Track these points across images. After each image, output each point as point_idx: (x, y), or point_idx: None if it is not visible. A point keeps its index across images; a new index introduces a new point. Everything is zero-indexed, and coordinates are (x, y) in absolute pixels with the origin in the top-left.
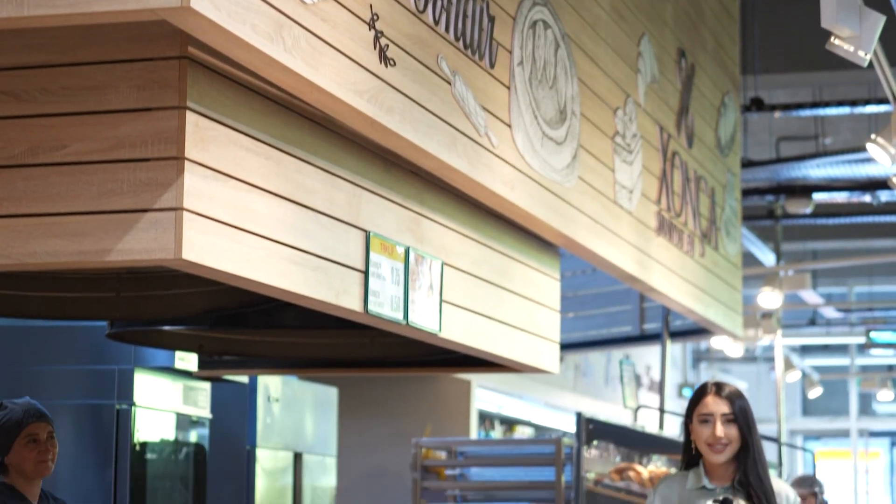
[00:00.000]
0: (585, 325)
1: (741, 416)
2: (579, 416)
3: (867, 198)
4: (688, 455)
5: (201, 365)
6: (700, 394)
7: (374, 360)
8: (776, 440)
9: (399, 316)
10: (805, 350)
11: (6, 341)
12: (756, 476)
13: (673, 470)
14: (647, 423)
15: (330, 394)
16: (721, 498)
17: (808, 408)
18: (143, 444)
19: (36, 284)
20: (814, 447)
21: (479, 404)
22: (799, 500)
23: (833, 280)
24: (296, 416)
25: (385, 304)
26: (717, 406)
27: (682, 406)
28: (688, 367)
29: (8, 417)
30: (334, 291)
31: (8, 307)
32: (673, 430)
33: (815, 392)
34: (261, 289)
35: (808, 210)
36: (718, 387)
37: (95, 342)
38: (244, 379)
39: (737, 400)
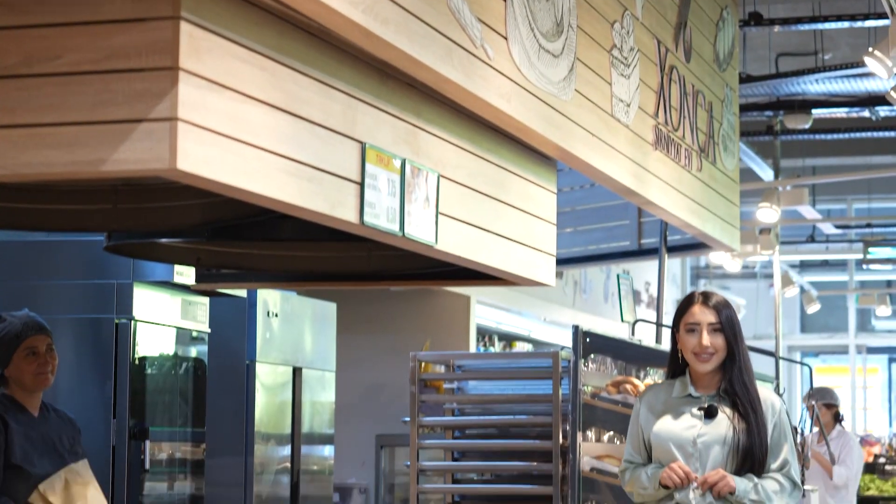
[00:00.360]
0: (584, 240)
1: (728, 325)
2: (576, 329)
3: (866, 113)
4: (674, 364)
5: (199, 278)
6: (687, 303)
7: (372, 273)
8: (773, 354)
9: (395, 228)
10: (804, 266)
11: (5, 256)
12: (742, 384)
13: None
14: (645, 337)
15: (329, 309)
16: (706, 405)
17: (807, 325)
18: (143, 359)
19: (33, 197)
20: (812, 364)
21: (478, 320)
22: (784, 407)
23: (832, 197)
24: (295, 331)
25: (381, 216)
26: (703, 315)
27: None
28: (687, 284)
29: (7, 330)
30: (330, 203)
31: (4, 219)
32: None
33: (813, 307)
34: (256, 199)
35: (807, 125)
36: (705, 296)
37: (94, 256)
38: (243, 293)
39: (723, 309)
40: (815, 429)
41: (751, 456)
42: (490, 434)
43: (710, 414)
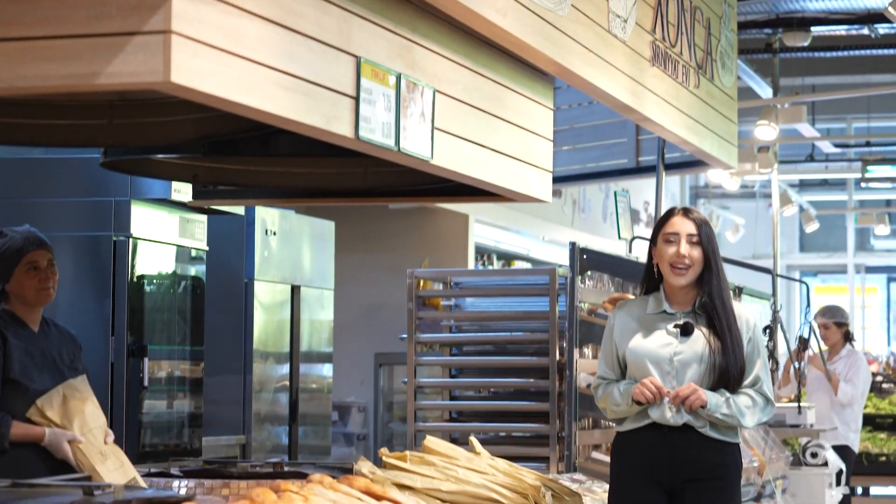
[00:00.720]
0: (582, 158)
1: (706, 239)
2: (573, 246)
3: (865, 31)
4: (649, 278)
5: (196, 195)
6: (667, 215)
7: (368, 189)
8: (769, 271)
9: (391, 142)
10: (803, 186)
11: (3, 174)
12: (719, 299)
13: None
14: (642, 254)
15: (327, 227)
16: (682, 322)
17: (806, 244)
18: (141, 277)
19: (30, 112)
20: (811, 283)
21: (476, 239)
22: (758, 323)
23: (831, 116)
24: (293, 249)
25: (376, 131)
26: (683, 226)
27: None
28: (686, 204)
29: (7, 245)
30: (325, 117)
31: (1, 134)
32: None
33: (811, 226)
34: (251, 113)
35: (806, 43)
36: (686, 210)
37: (92, 174)
38: (241, 211)
39: (703, 224)
40: (811, 350)
41: (727, 374)
42: (487, 351)
43: (686, 331)
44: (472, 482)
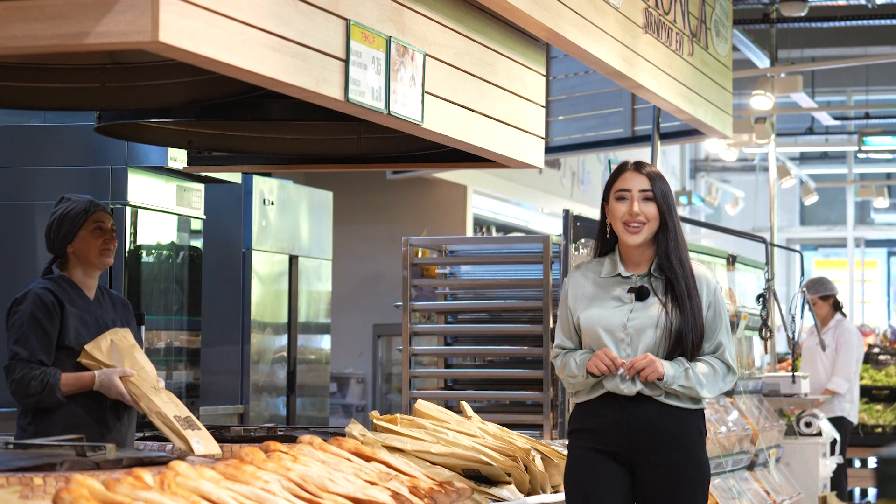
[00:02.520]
0: (578, 128)
1: (661, 194)
2: (567, 213)
3: (863, 0)
4: (602, 239)
5: (191, 161)
6: (618, 171)
7: (361, 155)
8: (763, 240)
9: (380, 105)
10: (803, 159)
11: (1, 142)
12: (677, 258)
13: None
14: None
15: (325, 198)
16: (637, 286)
17: (806, 217)
18: (139, 246)
19: (23, 75)
20: (811, 257)
21: (475, 210)
22: (719, 285)
23: (830, 88)
24: (291, 219)
25: (366, 94)
26: (635, 181)
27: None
28: (686, 177)
29: (73, 206)
30: (314, 79)
31: None
32: None
33: (811, 199)
34: (239, 74)
35: (803, 13)
36: (638, 164)
37: (88, 141)
38: (238, 180)
39: (657, 179)
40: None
41: (683, 340)
42: (482, 319)
43: (641, 295)
44: (461, 444)
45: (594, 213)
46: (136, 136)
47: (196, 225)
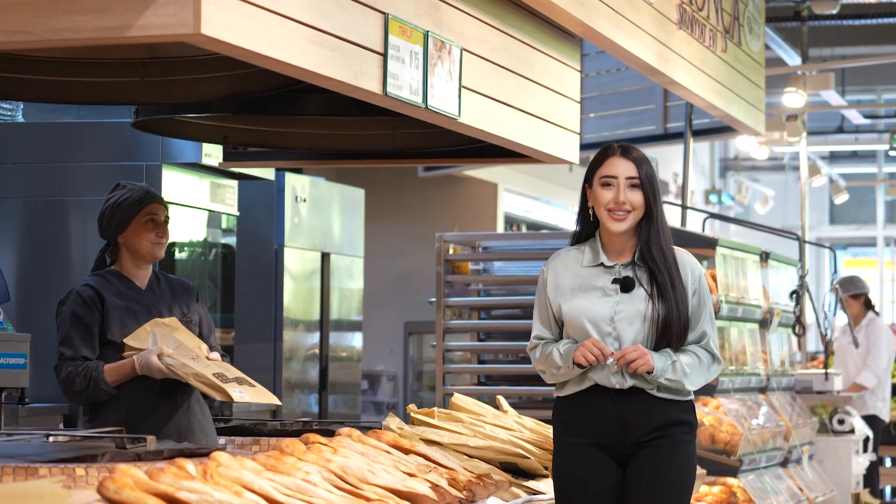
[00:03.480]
0: (609, 125)
1: (647, 182)
2: None
3: None
4: (584, 225)
5: (226, 157)
6: (603, 155)
7: (396, 150)
8: (797, 237)
9: (418, 99)
10: (833, 158)
11: (35, 139)
12: (658, 247)
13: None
14: (670, 219)
15: (357, 195)
16: (622, 276)
17: (836, 216)
18: (172, 243)
19: (63, 70)
20: (841, 256)
21: (505, 208)
22: (703, 271)
23: (861, 87)
24: (323, 216)
25: (404, 87)
26: (621, 168)
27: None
28: (715, 175)
29: (127, 196)
30: (353, 72)
31: (34, 92)
32: (695, 225)
33: (841, 197)
34: (279, 67)
35: (835, 11)
36: (624, 149)
37: (123, 138)
38: (271, 177)
39: (644, 164)
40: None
41: (669, 331)
42: (515, 315)
43: (626, 287)
44: (499, 438)
45: None
46: (173, 131)
47: (229, 222)
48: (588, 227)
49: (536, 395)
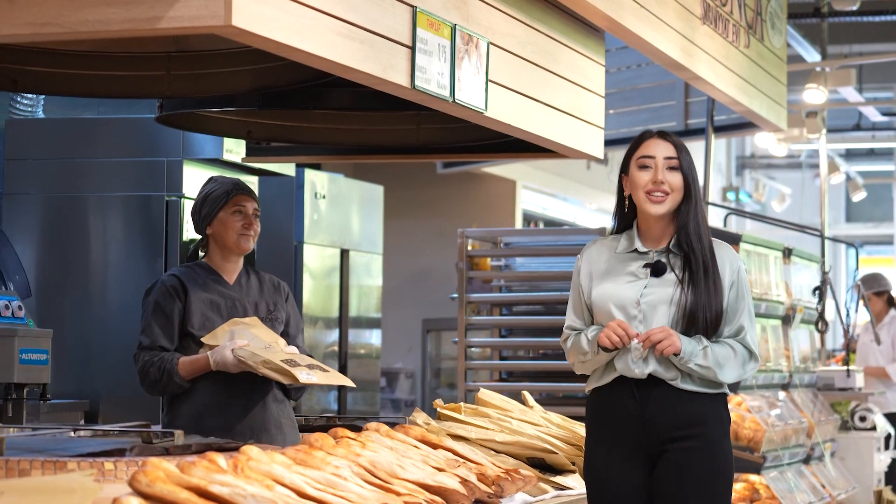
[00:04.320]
0: (630, 122)
1: (686, 165)
2: None
3: None
4: (621, 213)
5: (249, 152)
6: (640, 139)
7: (421, 146)
8: (819, 233)
9: (445, 93)
10: (850, 156)
11: (57, 134)
12: (697, 235)
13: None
14: None
15: (376, 192)
16: (654, 261)
17: (852, 214)
18: (193, 237)
19: (89, 63)
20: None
21: (524, 205)
22: (743, 266)
23: (879, 85)
24: (342, 213)
25: (432, 81)
26: (659, 148)
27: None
28: (732, 173)
29: (216, 188)
30: (381, 65)
31: (60, 85)
32: (715, 221)
33: (858, 195)
34: (309, 60)
35: (855, 7)
36: (662, 133)
37: (144, 134)
38: (291, 173)
39: (683, 148)
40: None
41: (698, 318)
42: (536, 311)
43: (657, 271)
44: (526, 433)
45: None
46: (196, 125)
47: None
48: (625, 219)
49: (558, 392)
